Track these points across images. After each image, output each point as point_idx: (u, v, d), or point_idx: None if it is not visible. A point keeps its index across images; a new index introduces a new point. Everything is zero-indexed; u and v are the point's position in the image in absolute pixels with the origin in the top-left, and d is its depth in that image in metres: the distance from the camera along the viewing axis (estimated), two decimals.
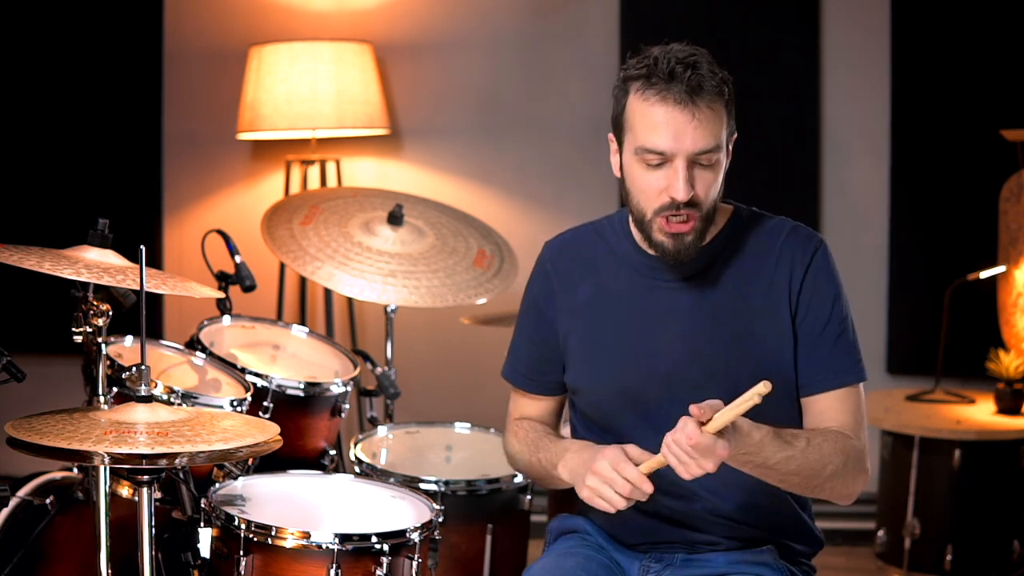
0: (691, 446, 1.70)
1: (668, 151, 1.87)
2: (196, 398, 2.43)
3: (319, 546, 2.09)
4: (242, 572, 2.11)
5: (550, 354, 2.14)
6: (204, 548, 2.17)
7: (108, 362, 2.33)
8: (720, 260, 2.00)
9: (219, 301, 2.92)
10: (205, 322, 2.84)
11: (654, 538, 2.06)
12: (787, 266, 1.97)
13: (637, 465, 1.85)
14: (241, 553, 2.11)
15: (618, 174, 2.00)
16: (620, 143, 1.97)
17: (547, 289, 2.13)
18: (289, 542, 2.10)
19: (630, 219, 2.02)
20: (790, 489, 1.91)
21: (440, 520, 2.27)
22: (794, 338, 1.96)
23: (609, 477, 1.84)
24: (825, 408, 1.95)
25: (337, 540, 2.08)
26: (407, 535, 2.16)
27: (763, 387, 1.66)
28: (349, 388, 2.83)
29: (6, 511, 2.43)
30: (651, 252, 2.00)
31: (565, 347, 2.11)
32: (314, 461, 2.78)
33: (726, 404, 1.73)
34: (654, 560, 2.06)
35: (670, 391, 1.96)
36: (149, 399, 2.05)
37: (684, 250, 1.93)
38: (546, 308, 2.13)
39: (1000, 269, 3.78)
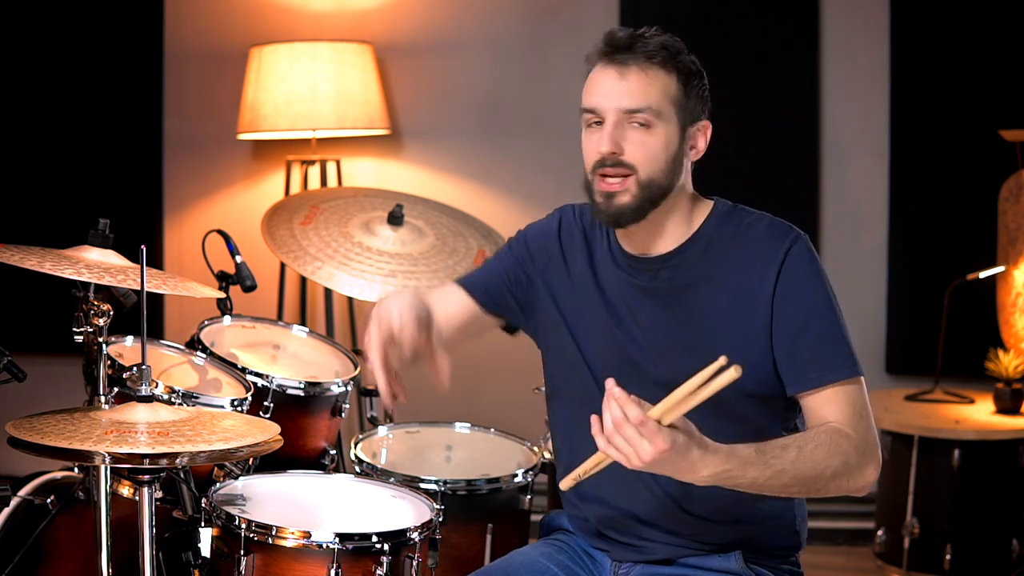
0: (637, 426, 1.63)
1: (597, 107, 1.94)
2: (197, 398, 2.43)
3: (319, 546, 2.09)
4: (243, 571, 2.11)
5: (508, 287, 2.13)
6: (205, 548, 2.18)
7: (109, 362, 2.33)
8: (693, 258, 1.99)
9: (219, 301, 2.93)
10: (206, 322, 2.84)
11: (622, 542, 2.07)
12: (760, 266, 1.95)
13: None
14: (242, 552, 2.11)
15: None
16: None
17: (549, 245, 2.13)
18: (289, 542, 2.10)
19: None
20: (794, 496, 1.87)
21: (440, 520, 2.28)
22: (770, 339, 1.94)
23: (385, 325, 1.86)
24: (820, 404, 1.92)
25: (337, 540, 2.09)
26: (407, 535, 2.16)
27: (723, 370, 1.58)
28: (349, 388, 2.83)
29: (7, 511, 2.43)
30: (626, 248, 2.02)
31: (535, 302, 2.11)
32: (314, 461, 2.78)
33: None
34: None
35: (634, 380, 1.86)
36: (150, 399, 2.05)
37: (619, 213, 1.93)
38: (537, 256, 2.13)
39: (999, 269, 3.78)
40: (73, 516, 2.43)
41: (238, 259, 2.97)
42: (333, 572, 2.08)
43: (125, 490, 2.41)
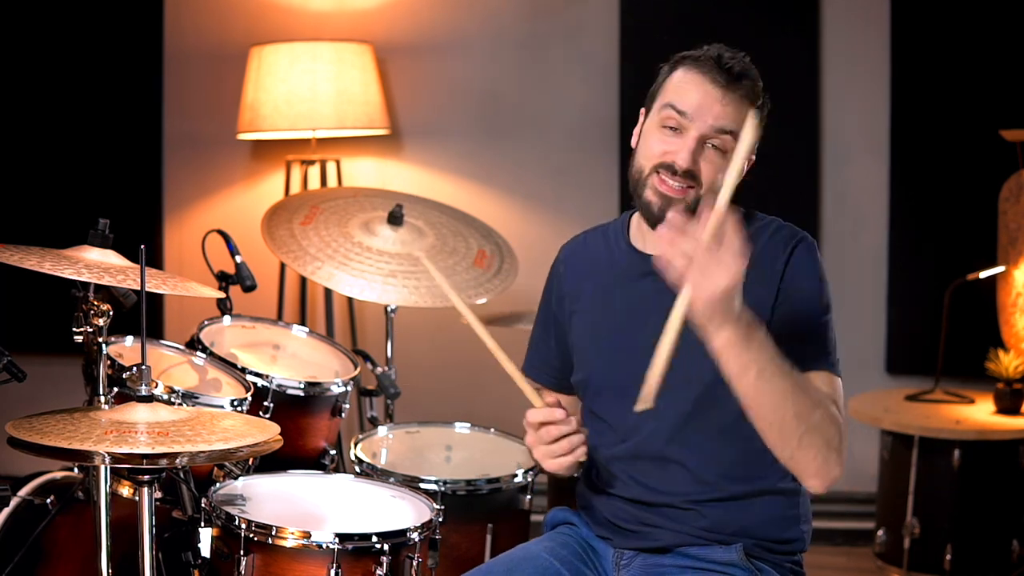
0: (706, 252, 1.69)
1: (689, 112, 1.95)
2: (196, 398, 2.43)
3: (319, 546, 2.09)
4: (242, 572, 2.11)
5: (557, 353, 2.22)
6: (204, 548, 2.18)
7: (109, 362, 2.33)
8: None
9: (219, 301, 2.93)
10: (205, 322, 2.84)
11: (625, 528, 2.08)
12: (768, 268, 1.98)
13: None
14: (241, 553, 2.11)
15: (635, 143, 2.06)
16: (648, 110, 2.04)
17: (559, 293, 2.21)
18: (289, 542, 2.10)
19: (630, 209, 2.09)
20: (775, 431, 1.83)
21: (440, 520, 2.28)
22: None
23: (532, 439, 1.97)
24: None
25: (337, 540, 2.09)
26: (407, 535, 2.16)
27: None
28: (349, 388, 2.83)
29: (7, 511, 2.43)
30: (644, 251, 2.06)
31: (572, 346, 2.18)
32: (314, 461, 2.78)
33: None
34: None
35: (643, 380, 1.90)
36: (150, 399, 2.05)
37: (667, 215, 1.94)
38: (557, 311, 2.21)
39: (1000, 269, 3.78)
40: (73, 516, 2.43)
41: (238, 259, 2.97)
42: (333, 572, 2.08)
43: (125, 490, 2.41)
